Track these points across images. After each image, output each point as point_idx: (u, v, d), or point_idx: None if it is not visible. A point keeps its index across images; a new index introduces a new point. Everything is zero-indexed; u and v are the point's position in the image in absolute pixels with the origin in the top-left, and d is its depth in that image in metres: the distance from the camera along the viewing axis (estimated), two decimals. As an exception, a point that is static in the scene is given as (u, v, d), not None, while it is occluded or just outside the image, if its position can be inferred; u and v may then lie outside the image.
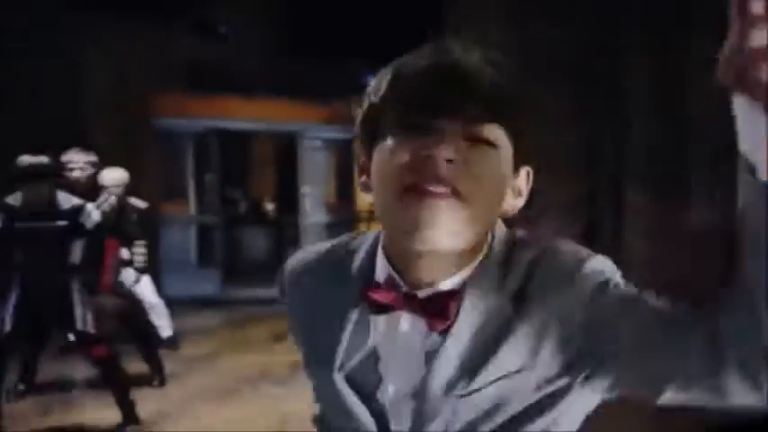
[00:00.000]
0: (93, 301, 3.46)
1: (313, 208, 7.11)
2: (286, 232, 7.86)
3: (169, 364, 4.36)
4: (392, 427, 0.75)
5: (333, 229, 7.10)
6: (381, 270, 0.75)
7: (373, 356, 0.76)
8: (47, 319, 3.49)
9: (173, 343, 4.87)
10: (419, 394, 0.74)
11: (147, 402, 3.74)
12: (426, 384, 0.73)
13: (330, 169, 7.27)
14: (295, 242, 7.25)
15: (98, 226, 3.34)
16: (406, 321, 0.74)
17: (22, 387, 3.90)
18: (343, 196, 7.46)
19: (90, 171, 4.05)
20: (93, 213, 3.33)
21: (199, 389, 4.16)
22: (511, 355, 0.71)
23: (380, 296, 0.74)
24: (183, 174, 6.82)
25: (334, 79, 7.66)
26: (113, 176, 4.15)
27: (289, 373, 4.20)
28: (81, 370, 4.07)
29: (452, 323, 0.72)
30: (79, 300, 3.31)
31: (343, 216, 7.27)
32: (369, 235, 0.82)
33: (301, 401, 2.82)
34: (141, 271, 4.35)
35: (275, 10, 10.00)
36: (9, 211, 3.15)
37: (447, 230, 0.65)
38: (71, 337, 3.37)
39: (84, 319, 3.27)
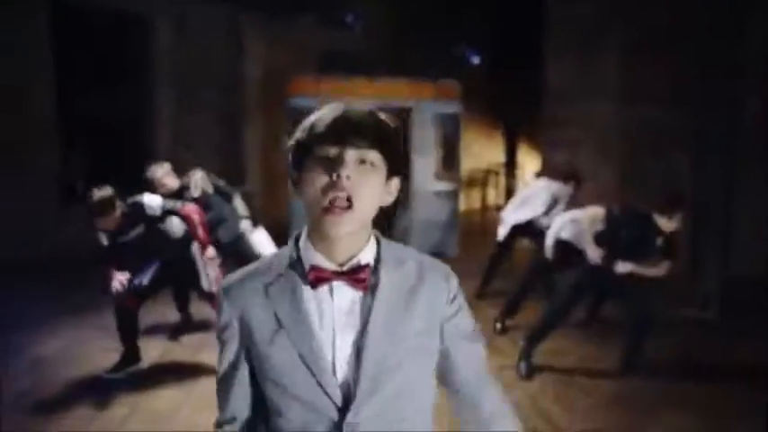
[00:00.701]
0: (212, 261, 3.99)
1: (422, 176, 7.86)
2: (399, 199, 8.68)
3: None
4: (335, 388, 1.03)
5: (440, 195, 7.93)
6: (311, 258, 1.06)
7: (318, 327, 1.05)
8: (181, 282, 4.41)
9: None
10: (361, 344, 1.04)
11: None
12: (367, 336, 1.04)
13: (437, 141, 7.91)
14: (405, 207, 8.15)
15: (163, 210, 3.87)
16: (340, 286, 1.05)
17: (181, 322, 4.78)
18: (449, 165, 8.09)
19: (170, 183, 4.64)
20: (153, 203, 3.87)
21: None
22: (418, 316, 1.09)
23: (319, 273, 1.04)
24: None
25: (442, 61, 8.43)
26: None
27: None
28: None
29: (377, 285, 1.06)
30: (201, 263, 3.98)
31: (449, 183, 7.95)
32: (280, 252, 1.12)
33: None
34: (252, 221, 4.90)
35: (393, 2, 10.93)
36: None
37: (347, 226, 1.01)
38: (199, 295, 4.19)
39: (207, 279, 3.98)
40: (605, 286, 4.28)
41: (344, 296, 1.06)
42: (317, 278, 1.04)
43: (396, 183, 1.10)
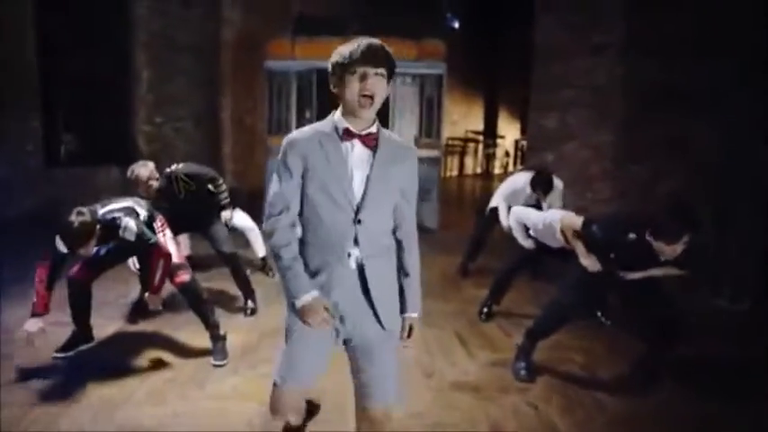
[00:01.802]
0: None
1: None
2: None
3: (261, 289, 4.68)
4: (354, 198, 1.81)
5: (420, 162, 7.62)
6: (344, 125, 1.81)
7: (347, 164, 1.82)
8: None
9: (265, 265, 5.42)
10: (368, 178, 1.82)
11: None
12: (371, 173, 1.81)
13: (419, 104, 7.59)
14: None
15: (138, 238, 3.38)
16: (358, 143, 1.82)
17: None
18: (431, 130, 7.72)
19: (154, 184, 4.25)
20: (129, 229, 3.36)
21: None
22: (395, 175, 1.86)
23: (349, 134, 1.81)
24: (289, 110, 7.50)
25: (423, 21, 8.13)
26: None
27: None
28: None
29: (377, 146, 1.83)
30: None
31: (431, 150, 7.57)
32: (323, 123, 1.86)
33: None
34: (230, 207, 4.60)
35: None
36: None
37: (370, 111, 1.78)
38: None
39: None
40: (611, 286, 3.47)
41: (358, 149, 1.83)
42: (348, 136, 1.82)
43: (391, 84, 1.85)
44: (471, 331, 4.24)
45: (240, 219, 5.16)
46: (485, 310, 4.52)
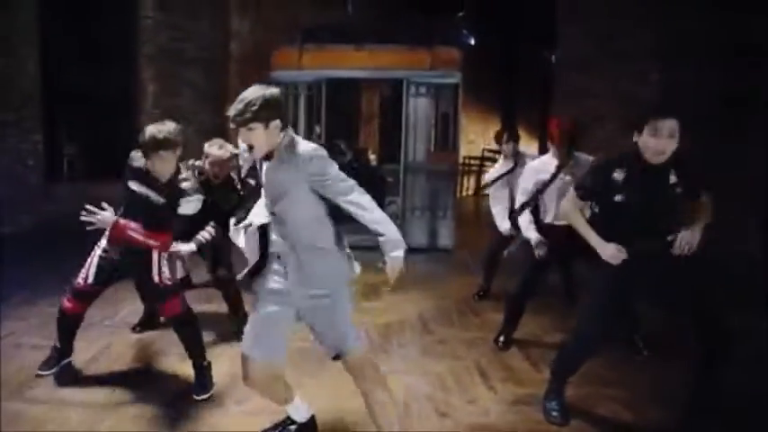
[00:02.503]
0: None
1: (415, 155, 7.08)
2: (387, 181, 7.98)
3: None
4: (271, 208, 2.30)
5: (435, 177, 7.18)
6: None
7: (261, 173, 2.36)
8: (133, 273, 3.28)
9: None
10: (265, 186, 2.31)
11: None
12: (265, 179, 2.31)
13: (434, 115, 7.12)
14: (396, 191, 7.43)
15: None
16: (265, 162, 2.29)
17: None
18: (446, 143, 7.25)
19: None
20: (185, 207, 3.11)
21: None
22: (289, 182, 2.22)
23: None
24: (297, 122, 7.10)
25: (437, 30, 7.77)
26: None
27: (380, 341, 4.37)
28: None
29: (271, 158, 2.26)
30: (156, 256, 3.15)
31: (446, 164, 7.14)
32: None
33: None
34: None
35: None
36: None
37: (256, 154, 2.27)
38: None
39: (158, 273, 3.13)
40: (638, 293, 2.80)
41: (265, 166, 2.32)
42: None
43: (273, 124, 2.22)
44: (492, 362, 3.70)
45: None
46: (501, 337, 3.97)
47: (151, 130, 2.90)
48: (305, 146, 2.22)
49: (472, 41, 14.01)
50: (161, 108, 8.56)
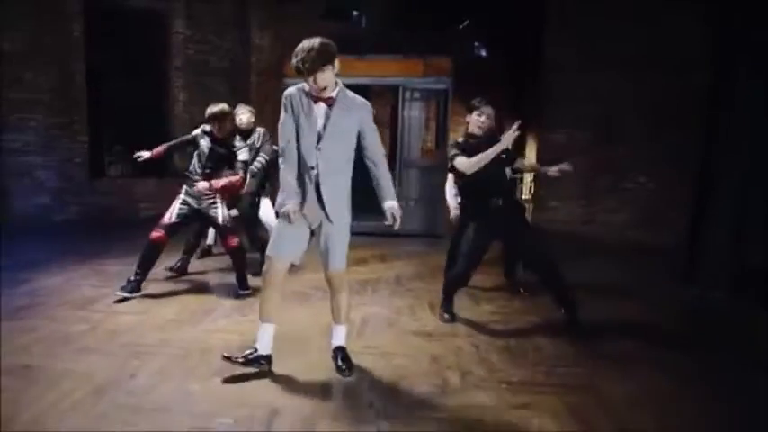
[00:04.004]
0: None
1: (410, 154, 8.23)
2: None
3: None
4: (322, 143, 3.00)
5: (426, 172, 8.29)
6: (311, 92, 2.95)
7: (314, 115, 3.00)
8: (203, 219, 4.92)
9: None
10: (327, 126, 2.99)
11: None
12: (328, 122, 2.98)
13: (427, 117, 8.32)
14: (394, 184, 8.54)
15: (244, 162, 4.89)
16: (321, 103, 2.98)
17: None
18: (438, 141, 8.46)
19: (249, 117, 5.90)
20: (242, 154, 4.87)
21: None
22: (353, 116, 3.03)
23: (314, 98, 2.97)
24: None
25: (433, 42, 8.90)
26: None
27: (358, 288, 5.04)
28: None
29: (332, 106, 2.98)
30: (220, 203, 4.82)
31: (437, 160, 8.13)
32: (300, 87, 3.01)
33: (355, 311, 4.26)
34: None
35: None
36: (209, 135, 4.79)
37: (324, 93, 2.96)
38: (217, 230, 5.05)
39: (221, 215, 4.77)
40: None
41: (322, 106, 2.96)
42: (314, 99, 2.95)
43: (336, 63, 2.88)
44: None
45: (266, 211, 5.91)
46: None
47: (213, 107, 4.76)
48: (357, 96, 3.03)
49: (482, 53, 15.09)
50: (189, 113, 9.84)
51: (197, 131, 4.86)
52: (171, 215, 4.72)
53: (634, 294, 5.27)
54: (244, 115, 5.84)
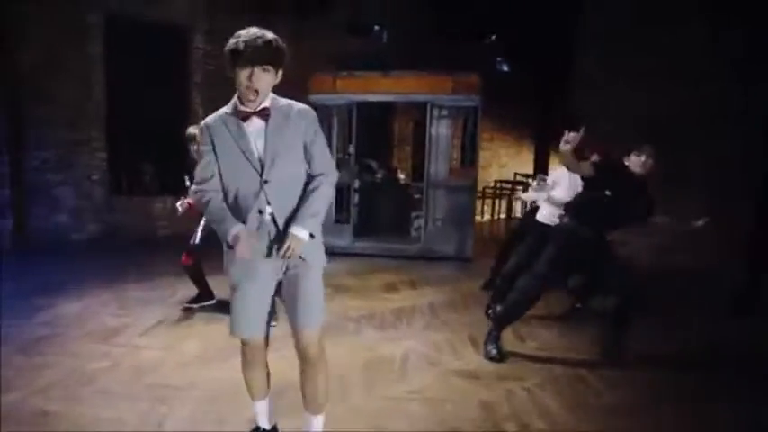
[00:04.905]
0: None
1: (438, 172, 7.98)
2: (413, 197, 8.90)
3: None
4: (268, 172, 2.23)
5: (454, 192, 8.01)
6: (241, 107, 2.23)
7: (248, 137, 2.25)
8: None
9: None
10: (269, 145, 2.25)
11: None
12: (268, 141, 2.25)
13: (455, 135, 8.07)
14: (419, 206, 8.32)
15: None
16: (254, 118, 2.24)
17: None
18: (465, 158, 8.20)
19: None
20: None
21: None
22: (291, 134, 2.27)
23: (245, 114, 2.23)
24: (331, 142, 8.08)
25: (459, 57, 8.69)
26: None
27: (392, 320, 4.81)
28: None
29: (268, 116, 2.24)
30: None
31: (466, 179, 7.89)
32: (226, 107, 2.30)
33: (393, 346, 3.89)
34: None
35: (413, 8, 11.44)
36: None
37: (256, 102, 2.22)
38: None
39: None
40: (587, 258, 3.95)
41: (256, 123, 2.26)
42: (245, 116, 2.25)
43: (280, 72, 2.24)
44: (484, 335, 4.47)
45: None
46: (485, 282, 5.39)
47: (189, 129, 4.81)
48: (296, 103, 2.33)
49: (506, 68, 14.89)
50: (194, 125, 9.66)
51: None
52: (195, 238, 4.64)
53: (685, 322, 4.98)
54: None
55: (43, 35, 7.79)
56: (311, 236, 2.27)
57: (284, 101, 2.32)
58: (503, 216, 15.62)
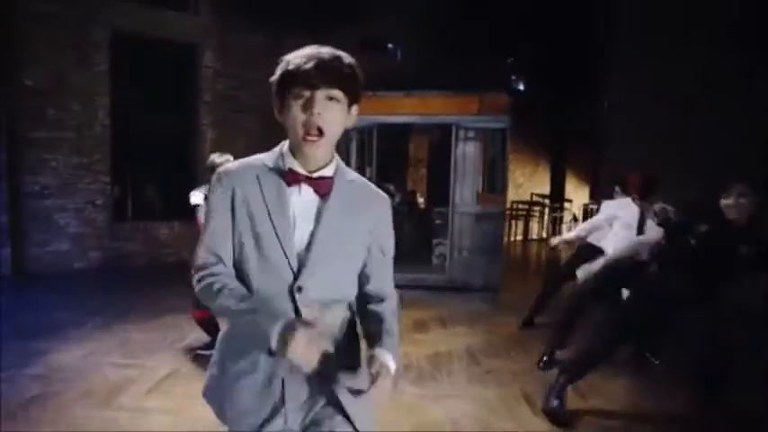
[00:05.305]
0: None
1: (463, 198, 7.49)
2: (433, 222, 8.39)
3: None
4: (295, 258, 1.43)
5: (482, 219, 7.50)
6: (289, 164, 1.46)
7: (291, 213, 1.45)
8: None
9: None
10: (314, 235, 1.45)
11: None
12: (320, 227, 1.45)
13: (482, 159, 7.55)
14: (444, 232, 7.81)
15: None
16: (306, 188, 1.46)
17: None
18: (494, 186, 7.66)
19: None
20: (192, 197, 4.49)
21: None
22: (357, 227, 1.50)
23: (294, 176, 1.45)
24: (349, 163, 7.62)
25: (473, 75, 8.24)
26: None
27: (430, 370, 4.28)
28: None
29: (329, 192, 1.46)
30: None
31: (493, 206, 7.40)
32: (269, 153, 1.51)
33: (439, 407, 3.31)
34: None
35: (433, 21, 11.05)
36: None
37: (319, 149, 1.42)
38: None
39: None
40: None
41: (307, 196, 1.47)
42: (293, 179, 1.46)
43: (354, 109, 1.48)
44: (539, 391, 3.93)
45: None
46: (544, 358, 4.42)
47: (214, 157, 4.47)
48: (366, 181, 1.60)
49: (521, 86, 14.50)
50: (219, 152, 9.23)
51: None
52: None
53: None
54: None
55: (45, 53, 7.39)
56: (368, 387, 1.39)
57: (355, 174, 1.57)
58: (519, 238, 15.15)
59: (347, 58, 1.43)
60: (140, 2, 8.16)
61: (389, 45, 11.90)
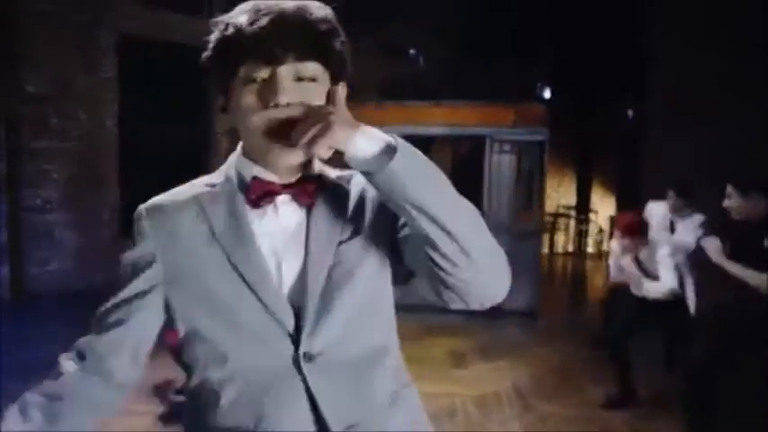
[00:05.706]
0: None
1: (498, 215, 6.98)
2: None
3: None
4: (290, 315, 0.94)
5: (518, 238, 6.93)
6: (253, 172, 0.98)
7: (265, 247, 0.97)
8: None
9: None
10: (306, 269, 0.96)
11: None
12: (309, 255, 0.96)
13: (518, 174, 7.09)
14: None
15: None
16: (283, 204, 0.98)
17: None
18: (530, 202, 7.14)
19: None
20: None
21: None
22: (362, 221, 1.01)
23: (264, 186, 0.96)
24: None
25: (518, 83, 7.76)
26: None
27: (477, 414, 3.89)
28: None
29: (314, 202, 0.99)
30: None
31: (530, 224, 6.96)
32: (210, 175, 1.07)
33: None
34: None
35: (456, 27, 10.63)
36: None
37: (295, 157, 0.94)
38: None
39: None
40: None
41: (286, 215, 0.99)
42: (262, 194, 0.97)
43: (342, 89, 0.95)
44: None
45: None
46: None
47: None
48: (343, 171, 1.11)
49: (546, 94, 14.02)
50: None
51: None
52: None
53: None
54: None
55: (49, 58, 6.99)
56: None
57: (336, 172, 1.08)
58: (545, 251, 14.64)
59: (320, 7, 0.92)
60: (149, 4, 7.75)
61: (411, 51, 11.47)
